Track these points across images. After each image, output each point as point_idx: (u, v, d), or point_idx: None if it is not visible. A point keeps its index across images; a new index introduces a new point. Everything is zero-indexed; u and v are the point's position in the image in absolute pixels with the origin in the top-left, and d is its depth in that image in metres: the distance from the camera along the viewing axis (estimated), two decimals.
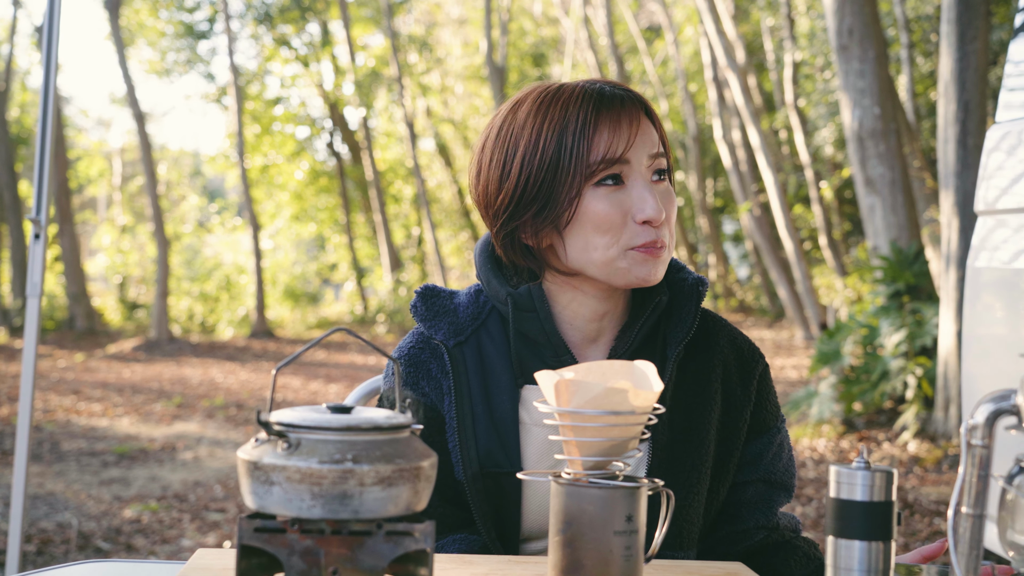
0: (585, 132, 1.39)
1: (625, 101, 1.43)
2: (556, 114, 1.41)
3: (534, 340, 1.48)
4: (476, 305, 1.54)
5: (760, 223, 16.53)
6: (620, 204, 1.41)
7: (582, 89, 1.44)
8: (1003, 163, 3.31)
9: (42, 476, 6.82)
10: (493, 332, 1.52)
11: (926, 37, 12.41)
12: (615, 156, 1.40)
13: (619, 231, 1.41)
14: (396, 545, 1.01)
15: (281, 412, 1.02)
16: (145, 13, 22.48)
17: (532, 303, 1.47)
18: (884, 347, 7.54)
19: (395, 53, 20.86)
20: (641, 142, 1.42)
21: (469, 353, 1.50)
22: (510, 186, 1.43)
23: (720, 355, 1.55)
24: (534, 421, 1.47)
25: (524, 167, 1.42)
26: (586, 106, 1.41)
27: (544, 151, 1.41)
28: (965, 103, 6.37)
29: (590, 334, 1.51)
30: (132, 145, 28.34)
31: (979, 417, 1.05)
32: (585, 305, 1.49)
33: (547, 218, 1.42)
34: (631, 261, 1.42)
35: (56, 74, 3.57)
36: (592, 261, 1.43)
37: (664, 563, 1.29)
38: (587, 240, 1.42)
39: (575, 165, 1.39)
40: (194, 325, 21.46)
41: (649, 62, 22.32)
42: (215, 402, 10.65)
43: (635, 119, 1.42)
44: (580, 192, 1.40)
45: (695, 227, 26.31)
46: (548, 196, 1.41)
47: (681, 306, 1.51)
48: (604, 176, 1.40)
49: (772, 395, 1.59)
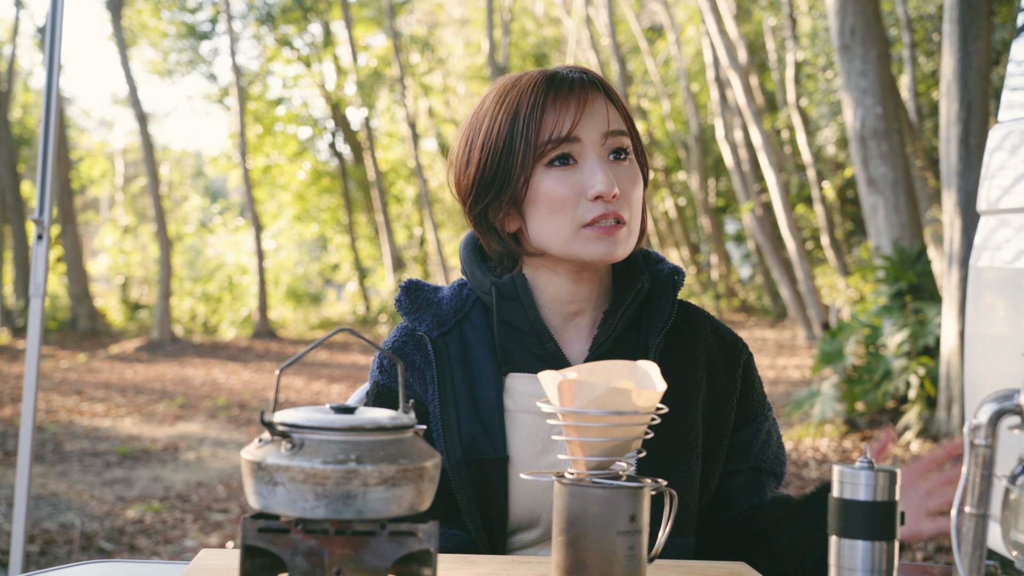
0: (534, 114, 1.44)
1: (575, 82, 1.47)
2: (511, 99, 1.47)
3: (518, 328, 1.51)
4: (459, 298, 1.57)
5: (762, 223, 16.52)
6: (572, 183, 1.45)
7: (538, 74, 1.49)
8: (1005, 163, 3.31)
9: (45, 477, 6.83)
10: (476, 323, 1.54)
11: (928, 36, 12.41)
12: (561, 135, 1.44)
13: (572, 209, 1.45)
14: (400, 545, 1.01)
15: (285, 412, 1.02)
16: (147, 14, 22.49)
17: (516, 291, 1.51)
18: (887, 347, 7.53)
19: (397, 53, 20.86)
20: (591, 120, 1.45)
21: (452, 343, 1.53)
22: (472, 171, 1.49)
23: (703, 345, 1.57)
24: (520, 408, 1.49)
25: (483, 151, 1.48)
26: (537, 89, 1.46)
27: (499, 135, 1.46)
28: (967, 102, 6.37)
29: (569, 316, 1.54)
30: (134, 146, 28.35)
31: (982, 417, 1.05)
32: (560, 287, 1.52)
33: (506, 200, 1.47)
34: (586, 239, 1.45)
35: (58, 75, 3.57)
36: (551, 240, 1.47)
37: (667, 563, 1.30)
38: (543, 220, 1.46)
39: (525, 146, 1.44)
40: (196, 325, 21.48)
41: (651, 62, 22.31)
42: (218, 402, 10.65)
43: (584, 98, 1.46)
44: (532, 173, 1.45)
45: (697, 227, 26.31)
46: (504, 178, 1.46)
47: (660, 296, 1.54)
48: (554, 156, 1.45)
49: (758, 384, 1.61)
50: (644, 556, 1.14)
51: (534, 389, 1.49)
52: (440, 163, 26.80)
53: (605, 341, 1.50)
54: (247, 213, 21.94)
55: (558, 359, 1.50)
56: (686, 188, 25.67)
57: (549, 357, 1.50)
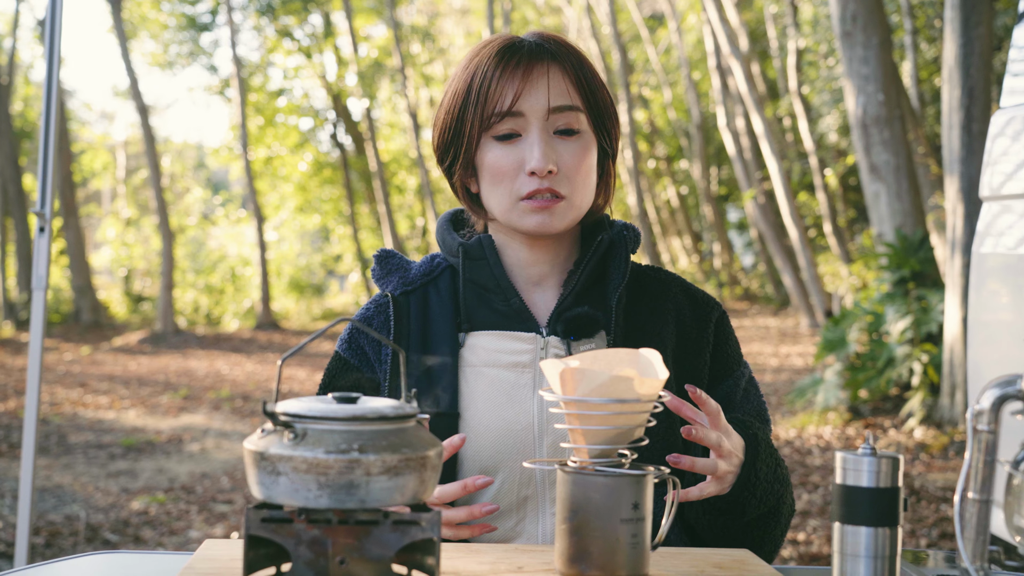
0: (483, 85, 1.46)
1: (529, 53, 1.48)
2: (472, 65, 1.50)
3: (484, 287, 1.55)
4: (429, 264, 1.61)
5: (764, 211, 16.51)
6: (513, 156, 1.47)
7: (498, 42, 1.50)
8: (1008, 149, 3.30)
9: (49, 469, 6.84)
10: (441, 287, 1.58)
11: (930, 23, 12.37)
12: (504, 109, 1.46)
13: (511, 182, 1.48)
14: (403, 534, 1.01)
15: (287, 402, 1.02)
16: (147, 6, 22.45)
17: (483, 252, 1.54)
18: (890, 334, 7.53)
19: (398, 43, 20.83)
20: (535, 94, 1.46)
21: (414, 302, 1.57)
22: (436, 131, 1.55)
23: (673, 301, 1.59)
24: (483, 363, 1.51)
25: (445, 113, 1.52)
26: (493, 58, 1.48)
27: (456, 100, 1.50)
28: (969, 89, 6.35)
29: (534, 278, 1.57)
30: (136, 138, 28.34)
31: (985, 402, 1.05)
32: (519, 252, 1.56)
33: (460, 163, 1.51)
34: (522, 211, 1.48)
35: (59, 68, 3.57)
36: (495, 209, 1.51)
37: (670, 550, 1.30)
38: (488, 189, 1.51)
39: (475, 116, 1.47)
40: (199, 317, 21.49)
41: (652, 50, 22.27)
42: (221, 394, 10.67)
43: (530, 71, 1.47)
44: (479, 142, 1.48)
45: (700, 215, 26.28)
46: (458, 143, 1.51)
47: (616, 254, 1.56)
48: (501, 128, 1.47)
49: (732, 340, 1.62)
50: (647, 543, 1.14)
51: (499, 344, 1.51)
52: None
53: (568, 296, 1.52)
54: (249, 205, 21.94)
55: (523, 314, 1.53)
56: (688, 176, 25.63)
57: (514, 313, 1.53)
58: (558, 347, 1.51)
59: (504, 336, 1.52)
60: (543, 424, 1.47)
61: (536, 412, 1.47)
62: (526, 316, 1.53)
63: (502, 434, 1.47)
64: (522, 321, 1.53)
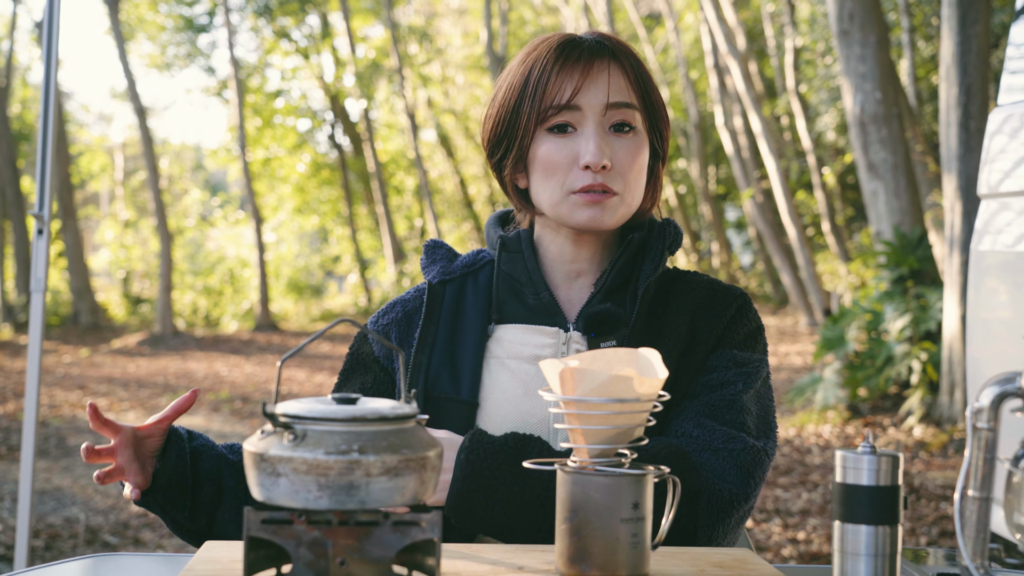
0: (541, 79, 1.48)
1: (589, 50, 1.50)
2: (528, 61, 1.51)
3: (516, 279, 1.57)
4: (474, 257, 1.65)
5: (763, 210, 16.51)
6: (568, 149, 1.48)
7: (557, 39, 1.51)
8: (1006, 146, 3.30)
9: (49, 471, 6.84)
10: (480, 279, 1.61)
11: (927, 21, 12.38)
12: (562, 102, 1.47)
13: (564, 175, 1.49)
14: (403, 535, 1.01)
15: (287, 404, 1.02)
16: (145, 7, 22.44)
17: (519, 245, 1.57)
18: (888, 332, 7.53)
19: (395, 44, 20.83)
20: (593, 90, 1.48)
21: (450, 291, 1.61)
22: (489, 124, 1.56)
23: (693, 298, 1.56)
24: (508, 355, 1.53)
25: (499, 107, 1.53)
26: (553, 52, 1.49)
27: (512, 94, 1.51)
28: (967, 86, 6.36)
29: (571, 274, 1.58)
30: (134, 140, 28.34)
31: (984, 400, 1.05)
32: (563, 247, 1.57)
33: (512, 157, 1.52)
34: (572, 205, 1.49)
35: (57, 70, 3.57)
36: (544, 202, 1.52)
37: (671, 550, 1.30)
38: (540, 182, 1.52)
39: (531, 108, 1.49)
40: (198, 319, 21.48)
41: (650, 50, 22.27)
42: (220, 396, 10.66)
43: (590, 67, 1.48)
44: (534, 135, 1.50)
45: (698, 214, 26.28)
46: (512, 136, 1.52)
47: (652, 247, 1.56)
48: (556, 122, 1.48)
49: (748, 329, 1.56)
50: (648, 543, 1.14)
51: (524, 337, 1.54)
52: (439, 154, 26.79)
53: (598, 293, 1.54)
54: (247, 206, 21.93)
55: (552, 308, 1.54)
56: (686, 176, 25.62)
57: (543, 307, 1.55)
58: (580, 343, 1.52)
59: (530, 330, 1.54)
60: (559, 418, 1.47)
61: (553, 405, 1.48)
62: (555, 311, 1.55)
63: (518, 426, 1.49)
64: (550, 316, 1.55)
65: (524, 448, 1.39)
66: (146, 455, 1.45)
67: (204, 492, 1.49)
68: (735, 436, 1.46)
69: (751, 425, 1.49)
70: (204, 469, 1.51)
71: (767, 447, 1.49)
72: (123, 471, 1.42)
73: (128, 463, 1.42)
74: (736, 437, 1.46)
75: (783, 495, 5.96)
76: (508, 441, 1.40)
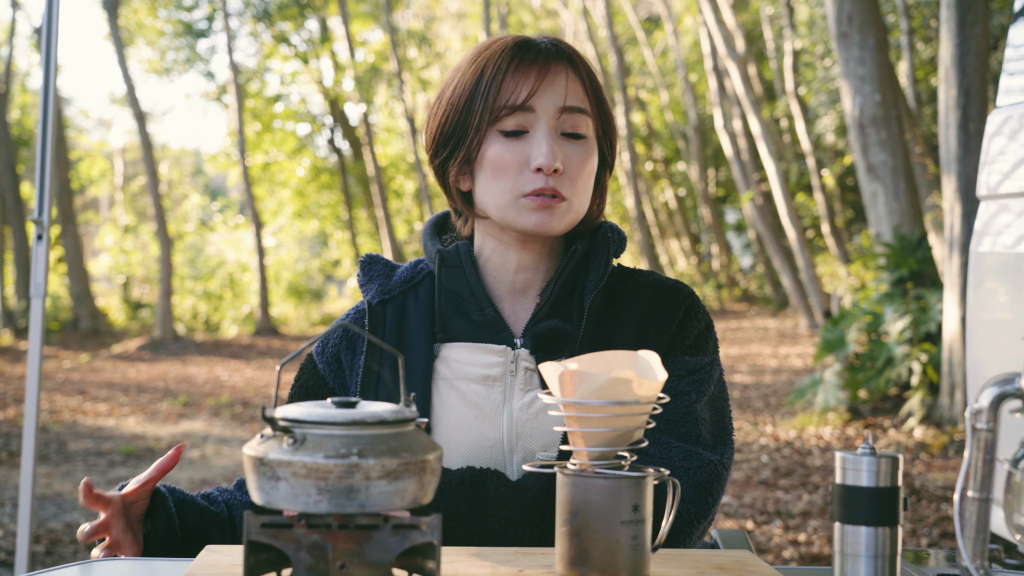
0: (496, 78, 1.45)
1: (544, 52, 1.47)
2: (481, 60, 1.48)
3: (459, 295, 1.52)
4: (412, 271, 1.59)
5: (762, 212, 16.52)
6: (519, 151, 1.45)
7: (511, 40, 1.49)
8: (1005, 148, 3.31)
9: (49, 477, 6.84)
10: (421, 294, 1.56)
11: (926, 23, 12.39)
12: (517, 102, 1.44)
13: (514, 177, 1.45)
14: (403, 538, 1.01)
15: (286, 408, 1.02)
16: (144, 12, 22.47)
17: (459, 259, 1.52)
18: (888, 334, 7.53)
19: (394, 48, 20.84)
20: (548, 92, 1.46)
21: (391, 310, 1.55)
22: (435, 124, 1.51)
23: (638, 302, 1.54)
24: (456, 376, 1.48)
25: (446, 107, 1.49)
26: (508, 52, 1.46)
27: (462, 93, 1.47)
28: (966, 88, 6.36)
29: (518, 285, 1.54)
30: (133, 145, 28.35)
31: (984, 401, 1.05)
32: (507, 256, 1.53)
33: (459, 158, 1.48)
34: (521, 208, 1.46)
35: (56, 75, 3.57)
36: (492, 204, 1.48)
37: (671, 552, 1.30)
38: (488, 183, 1.48)
39: (483, 107, 1.45)
40: (198, 324, 21.49)
41: (649, 53, 22.29)
42: (220, 400, 10.66)
43: (546, 69, 1.46)
44: (485, 134, 1.46)
45: (697, 217, 26.29)
46: (461, 136, 1.48)
47: (597, 256, 1.53)
48: (509, 123, 1.45)
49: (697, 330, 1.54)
50: (648, 545, 1.14)
51: (471, 356, 1.49)
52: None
53: (544, 306, 1.50)
54: (247, 210, 21.94)
55: (497, 325, 1.50)
56: (686, 178, 25.65)
57: (488, 324, 1.50)
58: (528, 360, 1.48)
59: (477, 348, 1.49)
60: (513, 440, 1.45)
61: (506, 427, 1.46)
62: (500, 327, 1.50)
63: (473, 449, 1.45)
64: (496, 332, 1.50)
65: (482, 485, 1.38)
66: (134, 520, 1.43)
67: (195, 547, 1.47)
68: (691, 452, 1.45)
69: (707, 436, 1.48)
70: (191, 523, 1.49)
71: (724, 458, 1.48)
72: (119, 545, 1.40)
73: (122, 535, 1.40)
74: (693, 453, 1.45)
75: (784, 497, 5.96)
76: (465, 479, 1.39)
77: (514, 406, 1.46)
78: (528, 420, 1.46)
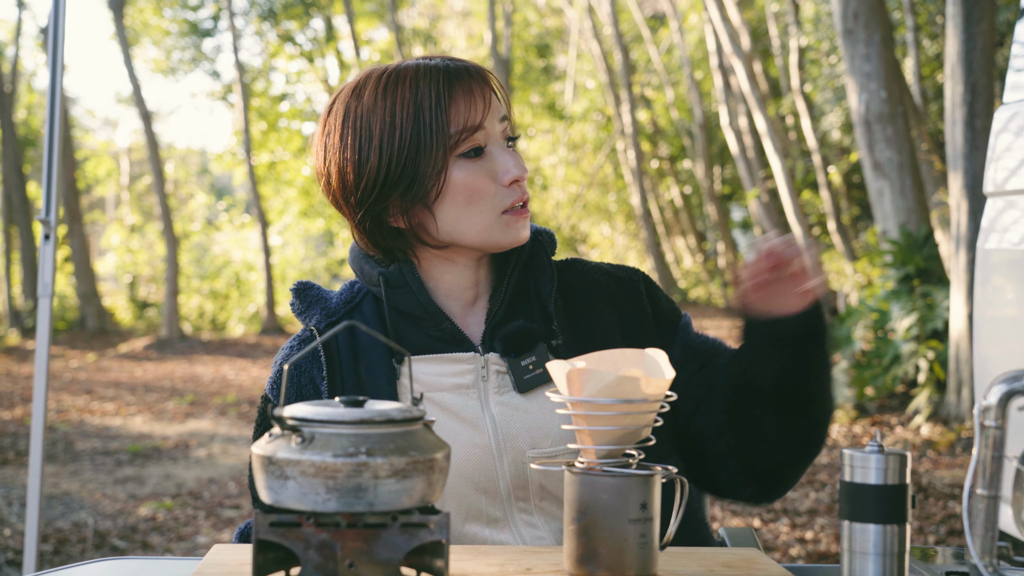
0: (440, 105, 1.43)
1: (471, 72, 1.47)
2: (407, 93, 1.44)
3: (411, 314, 1.50)
4: (350, 292, 1.57)
5: (768, 209, 16.50)
6: (486, 171, 1.45)
7: (425, 66, 1.46)
8: (1012, 144, 3.30)
9: (57, 476, 6.85)
10: (366, 313, 1.53)
11: (932, 19, 12.36)
12: (474, 124, 1.43)
13: (491, 197, 1.45)
14: (411, 537, 1.01)
15: (294, 407, 1.02)
16: (149, 12, 22.49)
17: (404, 279, 1.49)
18: (895, 331, 7.52)
19: (400, 47, 20.85)
20: (493, 109, 1.46)
21: (341, 335, 1.51)
22: (371, 171, 1.44)
23: (601, 290, 1.58)
24: (429, 388, 1.47)
25: (384, 149, 1.43)
26: (437, 81, 1.44)
27: (403, 130, 1.42)
28: (972, 85, 6.35)
29: (468, 301, 1.53)
30: (139, 144, 28.38)
31: (992, 398, 1.05)
32: (460, 276, 1.52)
33: (415, 196, 1.44)
34: (505, 225, 1.46)
35: (62, 75, 3.58)
36: (468, 231, 1.46)
37: (679, 550, 1.30)
38: (459, 212, 1.45)
39: (436, 139, 1.42)
40: (205, 323, 21.51)
41: (654, 50, 22.27)
42: (227, 399, 10.68)
43: (483, 87, 1.47)
44: (445, 165, 1.43)
45: (703, 215, 26.26)
46: (414, 174, 1.43)
47: (539, 260, 1.55)
48: (466, 146, 1.44)
49: (662, 296, 1.62)
50: (656, 543, 1.14)
51: (438, 368, 1.48)
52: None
53: (498, 310, 1.50)
54: (253, 210, 21.96)
55: (456, 336, 1.50)
56: (691, 176, 25.61)
57: (447, 337, 1.50)
58: (498, 363, 1.48)
59: (441, 359, 1.48)
60: (500, 443, 1.45)
61: (491, 431, 1.45)
62: (460, 338, 1.50)
63: (463, 457, 1.44)
64: (457, 343, 1.49)
65: None
66: None
67: None
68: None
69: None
70: None
71: None
72: None
73: None
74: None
75: (791, 495, 5.96)
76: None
77: (493, 411, 1.46)
78: (510, 422, 1.46)
